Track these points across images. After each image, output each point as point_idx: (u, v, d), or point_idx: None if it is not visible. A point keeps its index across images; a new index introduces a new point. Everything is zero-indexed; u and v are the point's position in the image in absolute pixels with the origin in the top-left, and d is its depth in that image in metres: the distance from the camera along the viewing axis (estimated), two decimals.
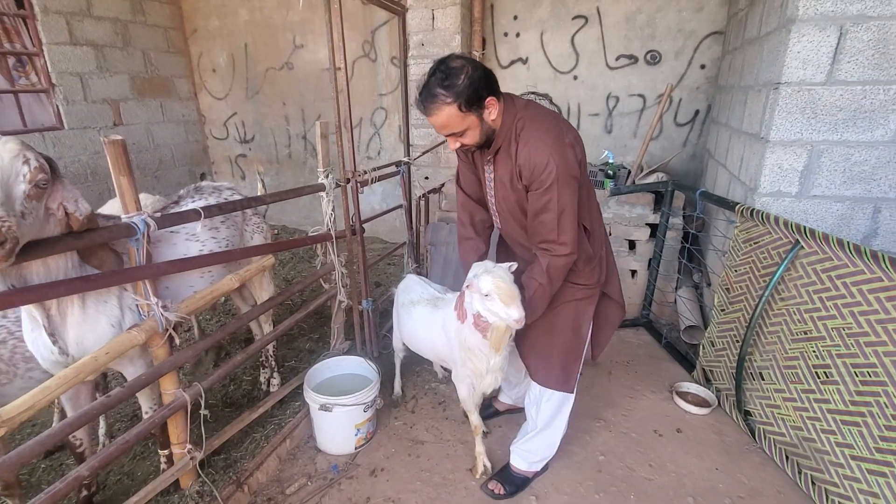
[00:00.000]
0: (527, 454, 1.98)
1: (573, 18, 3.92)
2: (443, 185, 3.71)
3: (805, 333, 1.97)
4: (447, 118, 1.45)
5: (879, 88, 2.08)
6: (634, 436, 2.30)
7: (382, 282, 4.00)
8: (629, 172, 3.41)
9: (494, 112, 1.50)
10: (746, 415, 2.29)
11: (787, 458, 2.05)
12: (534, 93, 4.18)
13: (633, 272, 3.37)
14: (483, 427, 2.07)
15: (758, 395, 2.23)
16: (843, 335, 1.81)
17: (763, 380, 2.19)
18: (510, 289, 1.54)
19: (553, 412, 1.89)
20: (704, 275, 3.24)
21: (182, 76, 5.22)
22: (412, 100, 3.45)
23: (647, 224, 3.23)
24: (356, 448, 2.23)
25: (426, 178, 4.21)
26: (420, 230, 3.45)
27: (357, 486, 2.04)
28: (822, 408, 1.90)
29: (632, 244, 3.34)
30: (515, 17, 4.07)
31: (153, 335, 1.66)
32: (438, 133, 1.58)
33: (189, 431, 1.85)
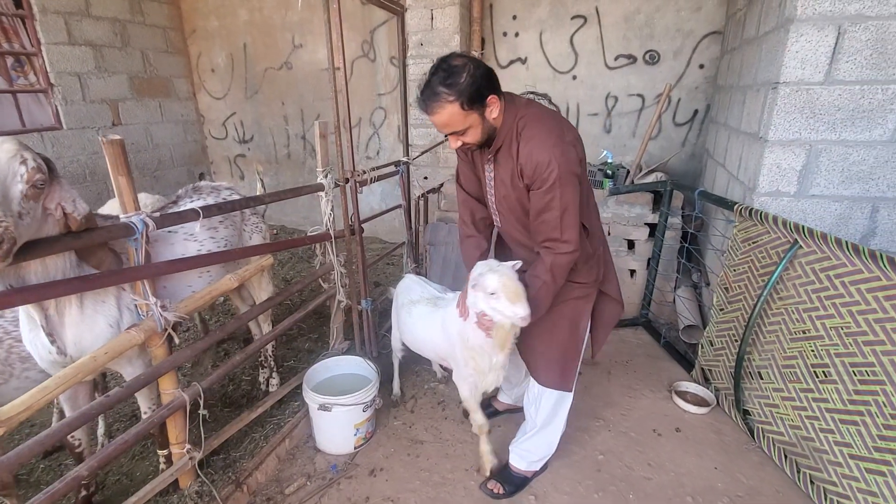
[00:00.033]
0: (526, 453, 1.98)
1: (572, 18, 3.92)
2: (442, 185, 3.70)
3: (804, 333, 1.98)
4: (449, 117, 1.45)
5: (877, 88, 2.09)
6: (633, 435, 2.31)
7: (381, 281, 4.00)
8: (628, 172, 3.42)
9: (496, 111, 1.50)
10: (745, 414, 2.29)
11: (786, 458, 2.05)
12: (533, 93, 4.18)
13: (632, 272, 3.38)
14: (487, 426, 2.07)
15: (756, 395, 2.23)
16: (842, 334, 1.81)
17: (762, 379, 2.20)
18: (516, 287, 1.55)
19: (552, 411, 1.90)
20: (703, 274, 3.24)
21: (181, 76, 5.21)
22: (411, 99, 3.46)
23: (646, 224, 3.23)
24: (355, 448, 2.23)
25: (425, 178, 4.22)
26: (419, 230, 3.45)
27: (356, 486, 2.04)
28: (821, 407, 1.90)
29: (631, 244, 3.34)
30: (514, 17, 4.08)
31: (152, 335, 1.66)
32: (440, 132, 1.58)
33: (188, 431, 1.85)
